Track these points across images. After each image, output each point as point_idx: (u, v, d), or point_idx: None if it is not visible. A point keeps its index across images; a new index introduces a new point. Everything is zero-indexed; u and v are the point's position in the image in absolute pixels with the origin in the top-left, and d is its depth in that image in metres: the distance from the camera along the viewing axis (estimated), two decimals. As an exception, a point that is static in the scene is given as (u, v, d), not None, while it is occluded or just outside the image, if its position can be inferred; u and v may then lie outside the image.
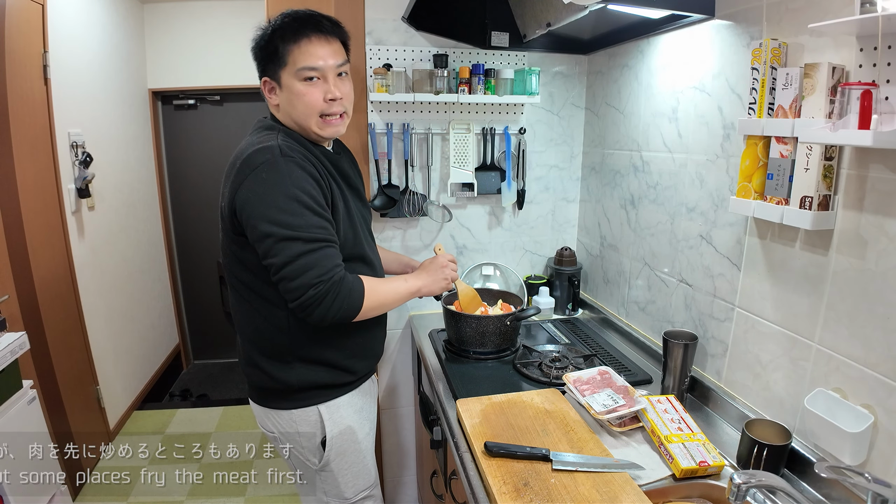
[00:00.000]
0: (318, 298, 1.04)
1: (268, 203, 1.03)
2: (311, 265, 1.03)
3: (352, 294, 1.08)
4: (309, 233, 1.04)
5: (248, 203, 1.04)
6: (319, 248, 1.05)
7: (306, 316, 1.06)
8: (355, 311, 1.09)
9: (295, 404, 1.21)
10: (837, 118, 0.86)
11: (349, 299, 1.07)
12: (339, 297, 1.05)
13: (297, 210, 1.04)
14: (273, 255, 1.03)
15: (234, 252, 1.14)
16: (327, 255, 1.06)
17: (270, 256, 1.04)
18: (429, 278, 1.28)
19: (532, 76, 1.73)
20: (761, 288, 1.14)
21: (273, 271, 1.05)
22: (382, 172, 1.79)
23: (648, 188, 1.53)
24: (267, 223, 1.03)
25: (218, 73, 3.25)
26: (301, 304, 1.04)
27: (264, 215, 1.03)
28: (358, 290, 1.09)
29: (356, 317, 1.11)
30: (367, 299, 1.10)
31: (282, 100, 1.14)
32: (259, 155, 1.05)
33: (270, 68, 1.12)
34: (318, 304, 1.04)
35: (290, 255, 1.03)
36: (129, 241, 3.01)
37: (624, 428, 1.15)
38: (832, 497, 0.94)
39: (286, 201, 1.03)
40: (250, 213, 1.04)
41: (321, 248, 1.05)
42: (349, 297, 1.07)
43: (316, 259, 1.04)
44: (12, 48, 1.94)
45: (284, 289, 1.05)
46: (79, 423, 2.31)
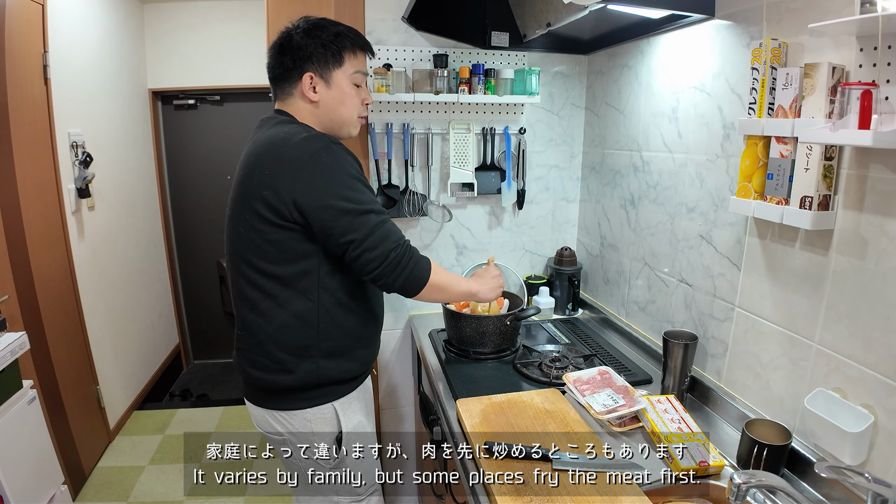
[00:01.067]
0: (397, 261, 1.11)
1: (338, 183, 1.08)
2: (388, 233, 1.11)
3: (420, 263, 1.15)
4: (375, 206, 1.12)
5: (316, 187, 1.07)
6: (387, 220, 1.13)
7: (384, 283, 1.12)
8: (424, 279, 1.15)
9: (310, 403, 1.20)
10: (837, 118, 0.86)
11: (419, 266, 1.15)
12: (413, 260, 1.14)
13: (361, 188, 1.11)
14: (353, 230, 1.08)
15: (269, 243, 1.12)
16: (394, 225, 1.15)
17: (351, 232, 1.08)
18: (486, 285, 1.34)
19: (532, 76, 1.73)
20: (761, 288, 1.14)
21: (354, 246, 1.09)
22: (382, 172, 1.79)
23: (648, 188, 1.53)
24: (343, 201, 1.07)
25: (218, 73, 3.25)
26: (382, 270, 1.10)
27: (338, 195, 1.07)
28: (425, 262, 1.17)
29: (422, 290, 1.16)
30: (433, 276, 1.17)
31: (326, 96, 1.17)
32: (312, 142, 1.08)
33: (322, 64, 1.15)
34: (396, 265, 1.11)
35: (370, 226, 1.09)
36: (128, 240, 3.01)
37: (624, 428, 1.15)
38: (832, 497, 0.94)
39: (352, 181, 1.09)
40: (320, 196, 1.07)
41: (388, 220, 1.14)
42: (419, 265, 1.15)
43: (389, 227, 1.12)
44: (12, 48, 1.94)
45: (367, 259, 1.09)
46: (79, 423, 2.31)
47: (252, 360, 1.19)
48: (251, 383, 1.23)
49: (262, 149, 1.11)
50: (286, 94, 1.19)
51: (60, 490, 1.80)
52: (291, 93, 1.18)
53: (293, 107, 1.19)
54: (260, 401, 1.24)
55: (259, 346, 1.18)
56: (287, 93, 1.19)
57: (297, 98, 1.18)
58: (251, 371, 1.20)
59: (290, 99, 1.19)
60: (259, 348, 1.18)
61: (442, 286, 1.20)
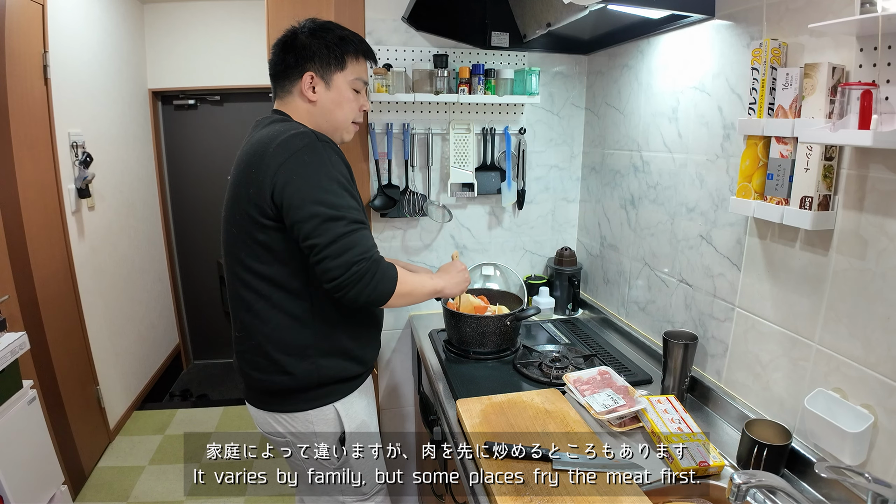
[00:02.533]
0: (359, 276, 1.06)
1: (313, 184, 1.05)
2: (354, 244, 1.06)
3: (386, 276, 1.10)
4: (350, 214, 1.07)
5: (291, 184, 1.05)
6: (359, 229, 1.08)
7: (342, 295, 1.07)
8: (388, 293, 1.11)
9: (311, 404, 1.20)
10: (837, 118, 0.86)
11: (384, 281, 1.10)
12: (377, 276, 1.08)
13: (339, 192, 1.07)
14: (317, 234, 1.05)
15: (258, 244, 1.11)
16: (365, 236, 1.09)
17: (315, 237, 1.05)
18: (451, 280, 1.33)
19: (532, 76, 1.73)
20: (761, 288, 1.14)
21: (316, 251, 1.06)
22: (382, 172, 1.79)
23: (648, 188, 1.53)
24: (313, 203, 1.04)
25: (218, 73, 3.25)
26: (341, 282, 1.05)
27: (310, 196, 1.05)
28: (391, 274, 1.12)
29: (386, 302, 1.13)
30: (399, 285, 1.13)
31: (325, 97, 1.17)
32: (297, 139, 1.07)
33: (324, 65, 1.15)
34: (358, 281, 1.06)
35: (335, 234, 1.05)
36: (128, 240, 3.01)
37: (624, 428, 1.15)
38: (832, 497, 0.94)
39: (329, 183, 1.06)
40: (293, 193, 1.05)
41: (361, 229, 1.09)
42: (384, 279, 1.10)
43: (357, 238, 1.07)
44: (12, 48, 1.94)
45: (325, 268, 1.06)
46: (79, 423, 2.31)
47: (251, 361, 1.19)
48: (251, 385, 1.23)
49: (253, 148, 1.10)
50: (285, 91, 1.20)
51: (60, 490, 1.80)
52: (290, 91, 1.19)
53: (291, 105, 1.19)
54: (261, 403, 1.23)
55: (257, 348, 1.17)
56: (286, 90, 1.19)
57: (295, 96, 1.19)
58: (251, 373, 1.20)
59: (289, 97, 1.19)
60: (257, 350, 1.17)
61: (407, 293, 1.17)
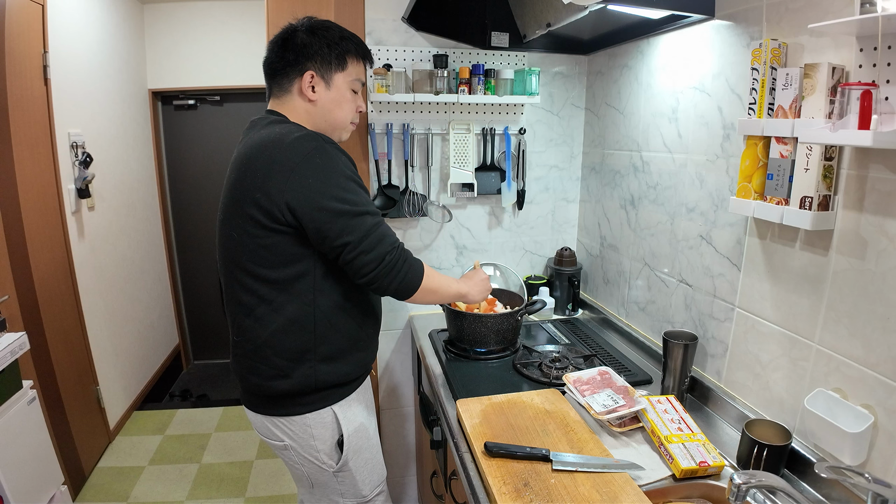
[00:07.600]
0: (391, 265, 1.10)
1: (332, 184, 1.06)
2: (383, 235, 1.10)
3: (413, 268, 1.15)
4: (371, 208, 1.11)
5: (309, 188, 1.04)
6: (383, 222, 1.12)
7: (377, 286, 1.11)
8: (416, 284, 1.15)
9: (308, 408, 1.18)
10: (837, 118, 0.86)
11: (412, 271, 1.14)
12: (407, 264, 1.13)
13: (356, 189, 1.09)
14: (348, 232, 1.06)
15: (263, 248, 1.09)
16: (389, 228, 1.14)
17: (346, 234, 1.06)
18: (475, 287, 1.36)
19: (532, 76, 1.73)
20: (761, 288, 1.14)
21: (350, 248, 1.07)
22: (382, 173, 1.79)
23: (648, 188, 1.53)
24: (337, 202, 1.05)
25: (218, 73, 3.26)
26: (377, 273, 1.09)
27: (333, 196, 1.05)
28: (418, 266, 1.16)
29: (414, 293, 1.16)
30: (426, 279, 1.17)
31: (325, 97, 1.17)
32: (304, 142, 1.06)
33: (325, 65, 1.15)
34: (391, 270, 1.10)
35: (365, 229, 1.07)
36: (128, 241, 3.01)
37: (624, 428, 1.15)
38: (832, 497, 0.94)
39: (346, 181, 1.08)
40: (312, 197, 1.04)
41: (383, 222, 1.13)
42: (412, 270, 1.14)
43: (385, 230, 1.11)
44: (12, 48, 1.94)
45: (362, 263, 1.08)
46: (79, 424, 2.31)
47: (249, 366, 1.17)
48: (249, 389, 1.21)
49: (254, 151, 1.07)
50: (283, 90, 1.17)
51: (60, 490, 1.80)
52: (288, 90, 1.16)
53: (288, 105, 1.17)
54: (259, 407, 1.22)
55: (256, 352, 1.15)
56: (284, 89, 1.17)
57: (293, 95, 1.16)
58: (249, 377, 1.18)
59: (286, 96, 1.17)
60: (256, 354, 1.15)
61: (433, 289, 1.20)
